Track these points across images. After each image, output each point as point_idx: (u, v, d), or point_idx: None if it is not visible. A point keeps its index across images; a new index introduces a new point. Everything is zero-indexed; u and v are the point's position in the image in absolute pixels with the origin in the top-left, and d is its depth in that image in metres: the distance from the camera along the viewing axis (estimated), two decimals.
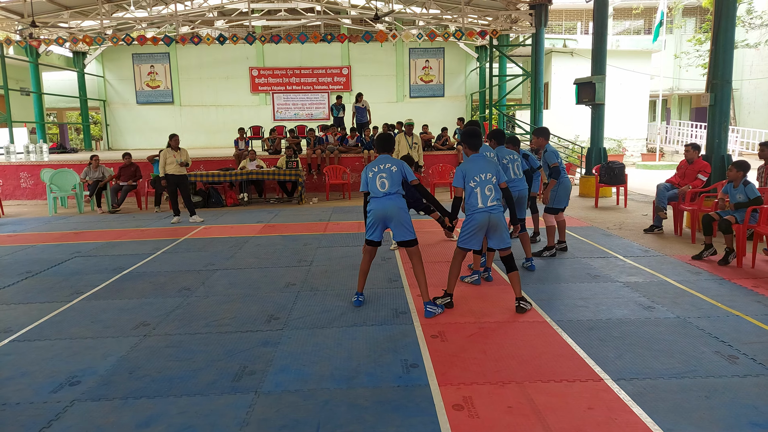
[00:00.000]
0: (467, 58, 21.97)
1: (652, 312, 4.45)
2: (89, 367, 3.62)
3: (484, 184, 4.41)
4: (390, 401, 3.08)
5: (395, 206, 4.45)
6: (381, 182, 4.47)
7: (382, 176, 4.49)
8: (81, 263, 6.63)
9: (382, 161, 4.56)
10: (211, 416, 2.96)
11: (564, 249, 6.60)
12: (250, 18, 15.67)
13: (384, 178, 4.48)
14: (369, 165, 4.59)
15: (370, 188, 4.53)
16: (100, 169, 11.50)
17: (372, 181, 4.51)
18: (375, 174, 4.51)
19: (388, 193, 4.45)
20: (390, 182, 4.46)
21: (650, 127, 22.84)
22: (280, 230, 8.61)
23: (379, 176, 4.49)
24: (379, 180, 4.48)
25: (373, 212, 4.50)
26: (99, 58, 20.98)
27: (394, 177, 4.48)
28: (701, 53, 22.08)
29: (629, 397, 3.06)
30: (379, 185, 4.47)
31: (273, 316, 4.55)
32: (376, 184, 4.49)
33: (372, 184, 4.51)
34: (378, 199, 4.48)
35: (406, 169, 4.52)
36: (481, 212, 4.39)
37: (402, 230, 4.50)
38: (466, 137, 4.64)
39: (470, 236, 4.48)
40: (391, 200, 4.45)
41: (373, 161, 4.63)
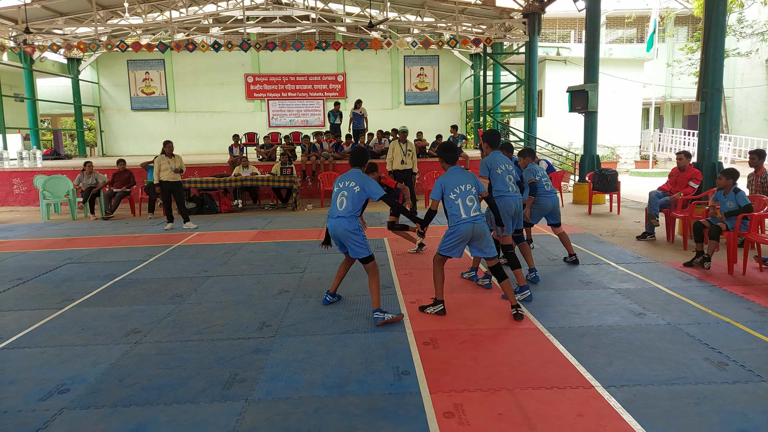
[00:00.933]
0: (462, 65, 22.10)
1: (643, 319, 4.47)
2: (79, 375, 3.59)
3: (465, 195, 4.43)
4: (381, 409, 3.08)
5: (345, 230, 4.45)
6: (340, 201, 4.49)
7: (343, 194, 4.49)
8: (73, 270, 6.60)
9: (349, 177, 4.56)
10: (201, 424, 2.95)
11: (575, 262, 6.41)
12: (245, 25, 15.72)
13: (344, 197, 4.48)
14: (340, 177, 4.61)
15: (332, 202, 4.58)
16: (93, 176, 11.47)
17: (334, 197, 4.54)
18: (338, 190, 4.52)
19: (342, 215, 4.45)
20: (348, 203, 4.46)
21: (643, 134, 23.00)
22: (274, 237, 8.60)
23: (340, 194, 4.50)
24: (339, 197, 4.50)
25: (328, 229, 4.60)
26: (94, 65, 20.97)
27: (354, 198, 4.47)
28: (693, 61, 22.29)
29: (619, 404, 3.07)
30: (338, 203, 4.49)
31: (265, 323, 4.55)
32: (336, 200, 4.51)
33: (333, 199, 4.54)
34: (332, 219, 4.51)
35: (370, 190, 4.49)
36: (465, 223, 4.40)
37: (356, 250, 4.50)
38: (441, 151, 4.68)
39: (453, 246, 4.49)
40: (343, 223, 4.44)
41: (344, 174, 4.64)
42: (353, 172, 4.61)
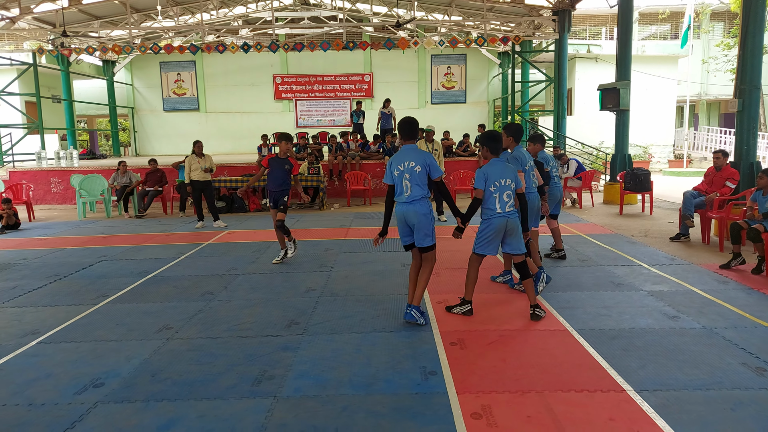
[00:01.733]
0: (489, 64, 21.90)
1: (677, 322, 4.35)
2: (113, 370, 3.69)
3: (503, 190, 4.37)
4: (408, 408, 3.08)
5: (418, 213, 4.23)
6: (405, 185, 4.24)
7: (405, 177, 4.23)
8: (107, 267, 6.78)
9: (406, 156, 4.26)
10: (230, 420, 2.99)
11: (562, 257, 6.52)
12: (273, 26, 15.89)
13: (407, 180, 4.23)
14: (395, 158, 4.30)
15: (396, 188, 4.30)
16: (127, 175, 11.75)
17: (398, 181, 4.27)
18: (400, 174, 4.25)
19: (411, 199, 4.23)
20: (413, 186, 4.23)
21: (677, 133, 22.40)
22: (301, 235, 8.67)
23: (403, 178, 4.24)
24: (403, 182, 4.24)
25: (397, 215, 4.34)
26: (128, 67, 21.50)
27: (418, 179, 4.22)
28: (729, 58, 21.61)
29: (652, 409, 3.00)
30: (403, 188, 4.25)
31: (293, 321, 4.59)
32: (402, 185, 4.25)
33: (398, 184, 4.28)
34: (402, 204, 4.28)
35: (431, 166, 4.24)
36: (499, 217, 4.37)
37: (422, 236, 4.29)
38: (487, 140, 4.52)
39: (488, 241, 4.43)
40: (416, 206, 4.23)
41: (398, 153, 4.33)
42: (408, 149, 4.32)
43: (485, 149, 4.52)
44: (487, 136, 4.56)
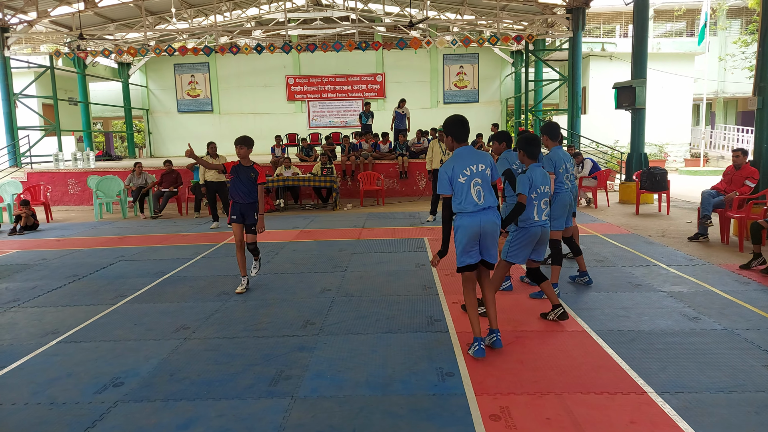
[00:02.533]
0: (502, 63, 21.79)
1: (697, 323, 4.29)
2: (132, 369, 3.72)
3: (542, 197, 4.20)
4: (425, 409, 3.06)
5: (494, 223, 3.64)
6: (477, 191, 3.59)
7: (476, 182, 3.60)
8: (125, 267, 6.85)
9: (473, 158, 3.64)
10: (249, 420, 3.00)
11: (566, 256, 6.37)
12: (286, 27, 15.95)
13: (479, 186, 3.60)
14: (454, 162, 3.63)
15: (463, 198, 3.60)
16: (143, 176, 11.87)
17: (464, 189, 3.58)
18: (468, 179, 3.59)
19: (486, 206, 3.61)
20: (486, 191, 3.63)
21: (694, 131, 22.11)
22: (315, 236, 8.69)
23: (473, 182, 3.59)
24: (474, 188, 3.59)
25: (466, 229, 3.59)
26: (142, 69, 21.72)
27: (488, 183, 3.66)
28: (747, 55, 21.30)
29: (674, 411, 2.96)
30: (475, 195, 3.59)
31: (309, 321, 4.59)
32: (471, 193, 3.58)
33: (465, 192, 3.58)
34: (474, 214, 3.59)
35: (493, 167, 3.73)
36: (537, 226, 4.18)
37: (494, 251, 3.73)
38: (526, 144, 4.23)
39: (521, 249, 4.20)
40: (490, 215, 3.63)
41: (455, 156, 3.67)
42: (467, 151, 3.69)
43: (523, 155, 4.27)
44: (526, 140, 4.27)
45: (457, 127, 3.73)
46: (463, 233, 3.62)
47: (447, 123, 3.78)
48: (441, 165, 10.06)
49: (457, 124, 3.73)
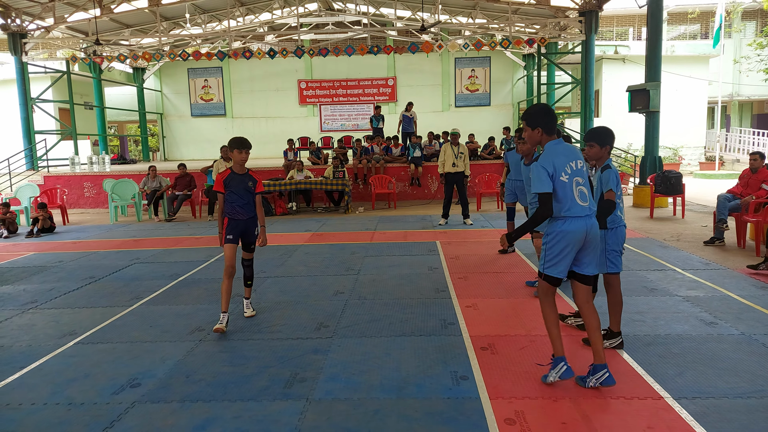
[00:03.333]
0: (514, 66, 21.74)
1: (714, 328, 4.24)
2: (149, 370, 3.76)
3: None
4: (440, 413, 3.06)
5: (597, 227, 3.25)
6: (579, 192, 3.16)
7: (578, 181, 3.17)
8: (140, 269, 6.92)
9: (567, 154, 3.18)
10: (264, 422, 3.02)
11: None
12: (299, 32, 16.06)
13: (582, 186, 3.19)
14: (552, 157, 3.14)
15: (568, 199, 3.13)
16: (157, 179, 11.99)
17: (567, 188, 3.13)
18: (570, 177, 3.14)
19: (591, 210, 3.20)
20: (588, 192, 3.22)
21: (708, 134, 21.89)
22: (328, 239, 8.72)
23: (575, 181, 3.16)
24: (577, 188, 3.15)
25: (569, 235, 3.13)
26: (157, 73, 21.96)
27: (587, 181, 3.26)
28: (763, 57, 21.06)
29: (691, 417, 2.93)
30: (578, 196, 3.15)
31: (322, 323, 4.61)
32: (573, 193, 3.13)
33: (567, 192, 3.13)
34: (580, 219, 3.14)
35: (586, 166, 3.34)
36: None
37: (595, 261, 3.28)
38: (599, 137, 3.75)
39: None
40: (593, 219, 3.23)
41: (549, 151, 3.19)
42: (564, 145, 3.23)
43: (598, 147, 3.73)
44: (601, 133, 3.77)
45: (547, 117, 3.25)
46: (564, 239, 3.13)
47: (533, 113, 3.28)
48: (453, 168, 10.08)
49: (546, 113, 3.27)
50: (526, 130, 3.31)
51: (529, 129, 3.28)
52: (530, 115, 3.28)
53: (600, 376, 3.24)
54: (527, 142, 3.50)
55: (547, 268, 3.23)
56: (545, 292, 3.32)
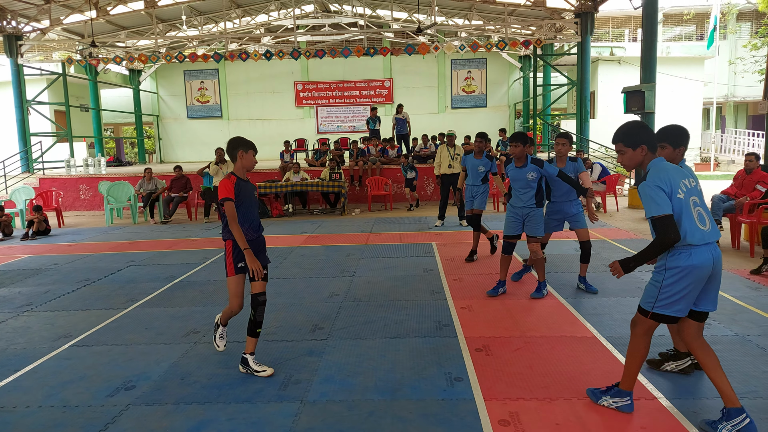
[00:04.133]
0: (510, 67, 21.80)
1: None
2: (143, 373, 3.75)
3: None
4: (435, 414, 3.07)
5: (721, 257, 2.77)
6: (698, 213, 2.71)
7: (695, 201, 2.72)
8: (135, 272, 6.91)
9: (678, 170, 2.78)
10: (259, 423, 3.02)
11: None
12: (295, 34, 16.07)
13: (699, 207, 2.73)
14: (662, 172, 2.72)
15: (688, 223, 2.67)
16: (153, 182, 11.98)
17: (685, 209, 2.68)
18: (687, 195, 2.71)
19: (714, 236, 2.73)
20: (708, 213, 2.77)
21: (704, 135, 21.98)
22: (323, 241, 8.72)
23: (692, 201, 2.71)
24: (695, 209, 2.70)
25: (695, 272, 2.67)
26: (153, 76, 21.94)
27: (705, 203, 2.83)
28: (758, 59, 21.16)
29: (684, 417, 2.94)
30: (698, 219, 2.69)
31: (317, 325, 4.61)
32: (693, 215, 2.68)
33: (685, 214, 2.67)
34: (706, 248, 2.68)
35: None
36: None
37: (716, 296, 2.86)
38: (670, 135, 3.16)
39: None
40: (718, 248, 2.77)
41: (658, 167, 2.77)
42: (671, 164, 2.82)
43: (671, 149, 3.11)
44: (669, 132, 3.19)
45: (649, 133, 2.84)
46: (689, 276, 2.67)
47: (631, 131, 2.85)
48: (449, 169, 10.10)
49: (646, 129, 2.86)
50: (625, 152, 2.85)
51: (629, 150, 2.83)
52: (628, 134, 2.85)
53: (738, 422, 2.66)
54: (626, 165, 2.90)
55: (661, 306, 2.76)
56: (647, 330, 2.87)
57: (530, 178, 5.09)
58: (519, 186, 5.17)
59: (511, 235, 5.25)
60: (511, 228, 5.25)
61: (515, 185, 5.20)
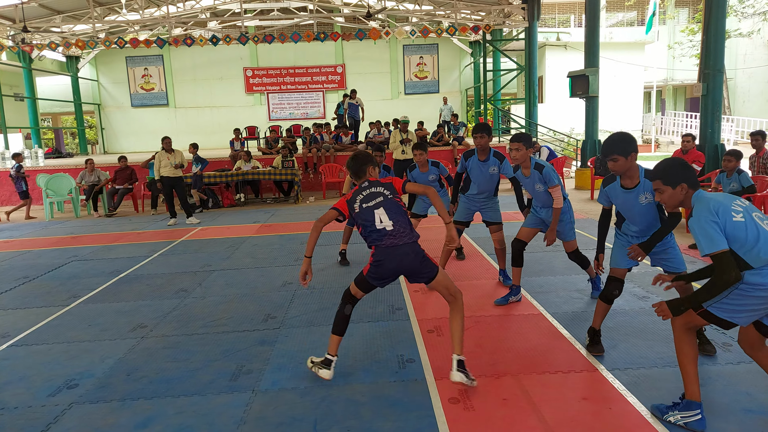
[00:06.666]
0: (461, 53, 21.99)
1: (646, 302, 4.47)
2: (87, 370, 3.63)
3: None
4: (387, 396, 3.10)
5: None
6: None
7: (759, 216, 2.53)
8: (78, 267, 6.64)
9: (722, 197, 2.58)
10: (209, 416, 2.98)
11: None
12: (242, 18, 15.65)
13: (763, 220, 2.52)
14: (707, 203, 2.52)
15: (755, 241, 2.43)
16: (95, 173, 11.50)
17: (750, 227, 2.45)
18: (745, 213, 2.49)
19: None
20: None
21: (645, 118, 22.89)
22: (276, 230, 8.62)
23: (754, 216, 2.51)
24: (763, 222, 2.49)
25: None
26: (92, 62, 20.95)
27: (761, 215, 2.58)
28: (694, 43, 22.12)
29: (624, 387, 3.09)
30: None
31: (270, 315, 4.57)
32: (763, 228, 2.46)
33: (754, 232, 2.44)
34: None
35: None
36: None
37: None
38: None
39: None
40: None
41: (701, 199, 2.58)
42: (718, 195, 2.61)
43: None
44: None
45: (688, 170, 2.68)
46: (763, 295, 2.44)
47: (669, 170, 2.70)
48: (402, 155, 10.12)
49: (684, 166, 2.71)
50: (665, 191, 2.71)
51: (669, 188, 2.69)
52: (667, 174, 2.70)
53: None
54: (667, 205, 2.79)
55: (718, 308, 2.54)
56: (690, 326, 2.68)
57: (492, 172, 4.93)
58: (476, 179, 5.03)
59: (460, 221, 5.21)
60: (464, 215, 5.19)
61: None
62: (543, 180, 4.32)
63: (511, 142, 4.35)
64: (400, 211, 3.23)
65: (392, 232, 3.16)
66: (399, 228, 3.17)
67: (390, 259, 3.17)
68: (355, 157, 3.40)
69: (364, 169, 3.34)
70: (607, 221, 3.60)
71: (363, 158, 3.38)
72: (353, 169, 3.36)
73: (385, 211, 3.19)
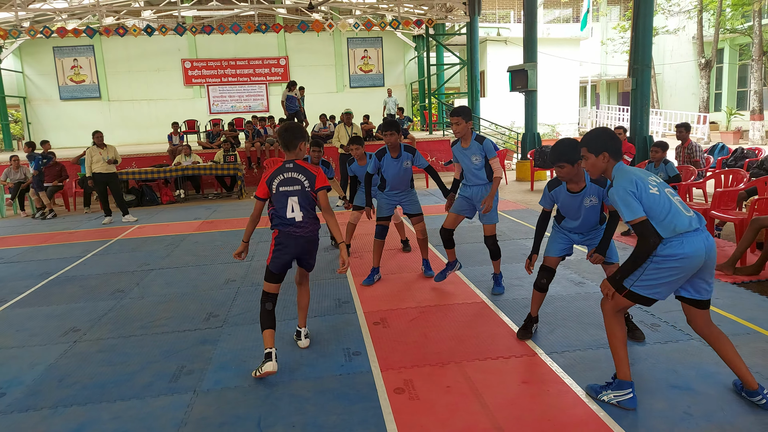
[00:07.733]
0: (405, 47, 22.10)
1: (582, 287, 4.67)
2: (15, 378, 3.42)
3: None
4: (332, 390, 3.10)
5: (714, 244, 2.69)
6: (679, 202, 2.67)
7: (671, 192, 2.72)
8: (4, 269, 6.25)
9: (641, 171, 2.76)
10: (147, 419, 2.88)
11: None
12: (179, 8, 15.10)
13: (677, 197, 2.72)
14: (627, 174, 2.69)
15: (668, 213, 2.60)
16: (21, 170, 10.83)
17: (663, 200, 2.62)
18: (659, 188, 2.67)
19: (702, 222, 2.67)
20: (682, 204, 2.71)
21: (581, 111, 23.81)
22: (219, 226, 8.41)
23: (667, 192, 2.68)
24: (674, 198, 2.67)
25: (687, 260, 2.58)
26: (16, 53, 19.65)
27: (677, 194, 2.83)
28: (625, 40, 23.17)
29: (561, 369, 3.21)
30: (680, 206, 2.66)
31: (212, 313, 4.46)
32: (673, 202, 2.63)
33: (664, 205, 2.60)
34: (695, 235, 2.60)
35: None
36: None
37: (713, 282, 2.77)
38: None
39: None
40: (709, 236, 2.69)
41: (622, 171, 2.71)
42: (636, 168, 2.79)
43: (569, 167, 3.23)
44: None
45: (614, 140, 2.77)
46: (680, 264, 2.58)
47: (595, 137, 2.79)
48: (342, 150, 10.00)
49: (611, 137, 2.78)
50: (588, 158, 2.80)
51: (591, 156, 2.77)
52: (592, 139, 2.79)
53: (761, 399, 2.71)
54: (590, 173, 2.88)
55: (641, 287, 2.67)
56: (619, 308, 2.80)
57: (406, 166, 4.92)
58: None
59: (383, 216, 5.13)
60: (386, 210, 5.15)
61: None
62: (483, 151, 4.37)
63: (451, 116, 4.43)
64: (312, 205, 3.42)
65: (299, 223, 3.35)
66: (306, 221, 3.38)
67: (293, 244, 3.37)
68: (288, 128, 3.40)
69: (295, 143, 3.34)
70: (545, 223, 3.66)
71: (296, 131, 3.37)
72: (284, 140, 3.36)
73: (298, 201, 3.32)
